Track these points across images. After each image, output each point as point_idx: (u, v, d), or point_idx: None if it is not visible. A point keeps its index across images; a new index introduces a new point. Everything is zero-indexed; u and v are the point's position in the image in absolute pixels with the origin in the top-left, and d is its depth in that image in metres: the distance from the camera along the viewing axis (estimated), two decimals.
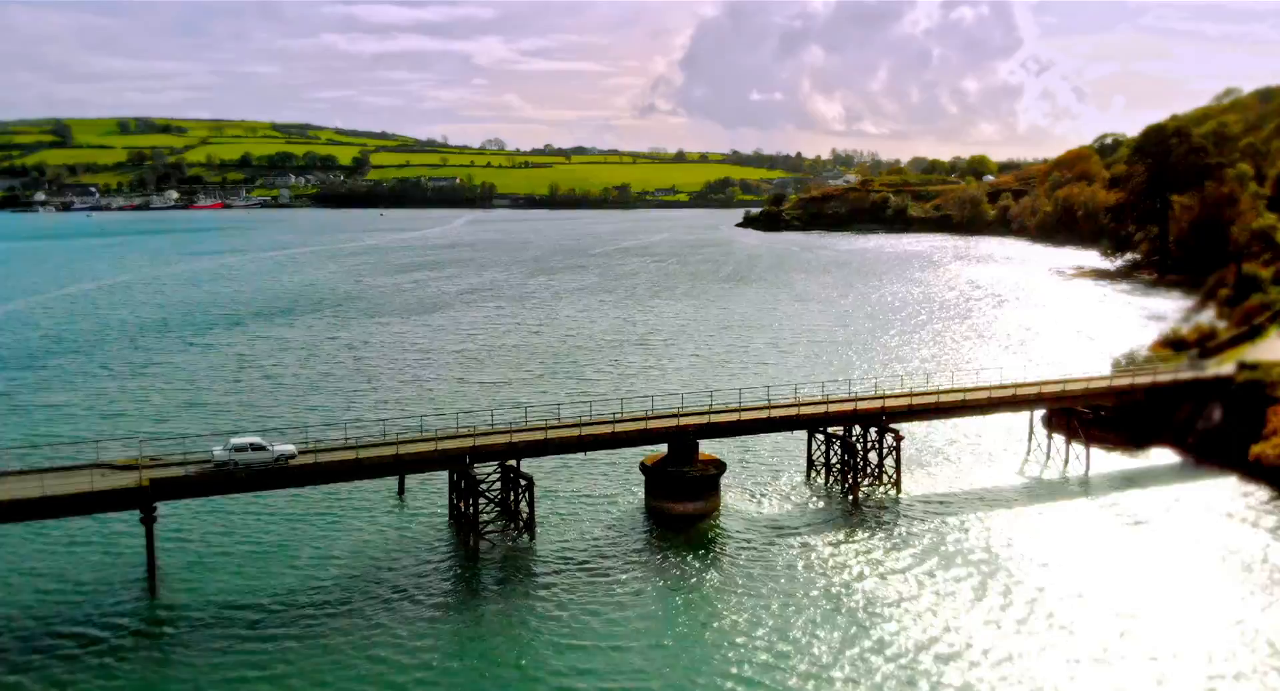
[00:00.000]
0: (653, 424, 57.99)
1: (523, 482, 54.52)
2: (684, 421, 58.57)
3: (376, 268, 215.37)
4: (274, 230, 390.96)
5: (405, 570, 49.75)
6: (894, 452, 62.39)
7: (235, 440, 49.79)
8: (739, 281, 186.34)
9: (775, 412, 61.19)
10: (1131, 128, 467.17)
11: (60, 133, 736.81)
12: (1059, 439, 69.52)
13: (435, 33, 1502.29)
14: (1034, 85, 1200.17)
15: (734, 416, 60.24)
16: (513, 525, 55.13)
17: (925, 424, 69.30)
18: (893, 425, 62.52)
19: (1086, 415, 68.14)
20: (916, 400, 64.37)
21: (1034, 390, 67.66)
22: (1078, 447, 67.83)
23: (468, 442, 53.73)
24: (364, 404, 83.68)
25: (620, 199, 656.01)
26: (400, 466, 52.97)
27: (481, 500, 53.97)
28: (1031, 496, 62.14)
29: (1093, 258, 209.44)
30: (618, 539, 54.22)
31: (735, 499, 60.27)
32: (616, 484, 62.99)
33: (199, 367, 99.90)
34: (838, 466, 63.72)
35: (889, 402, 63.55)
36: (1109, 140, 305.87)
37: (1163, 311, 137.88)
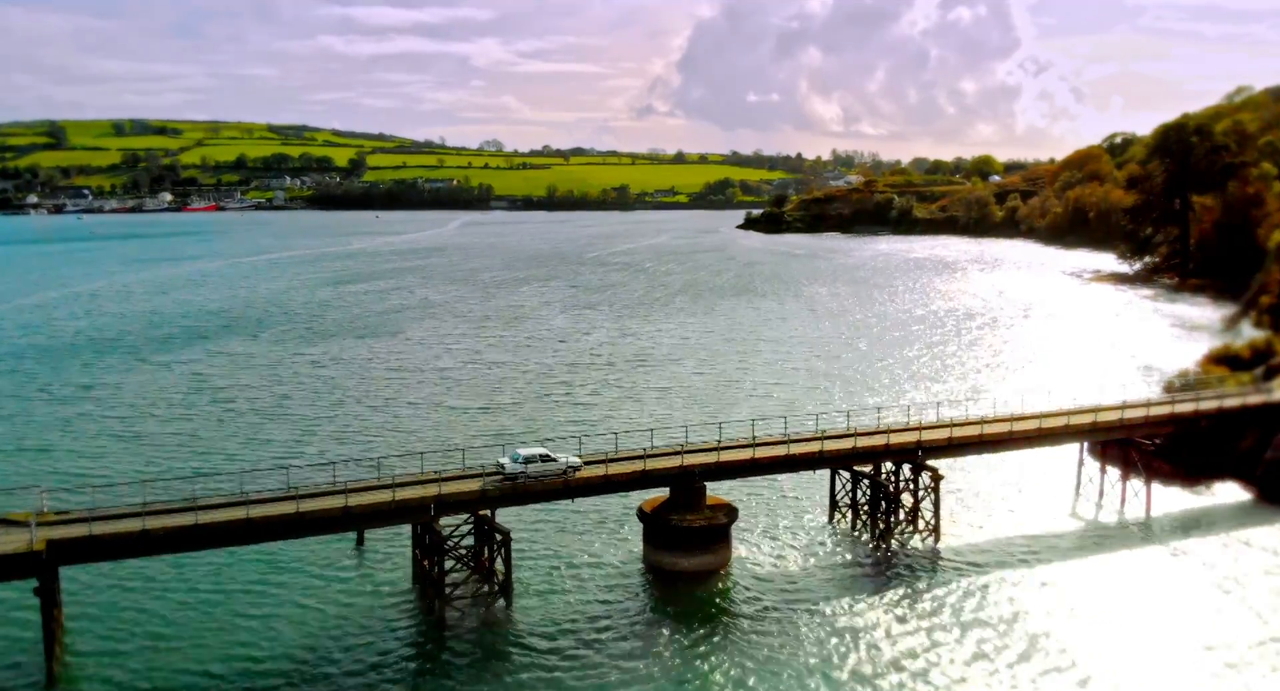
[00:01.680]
0: (652, 464, 49.28)
1: (498, 537, 45.98)
2: (688, 460, 49.93)
3: (359, 274, 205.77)
4: (261, 233, 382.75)
5: (356, 648, 41.35)
6: (931, 493, 53.80)
7: (524, 451, 47.29)
8: (744, 290, 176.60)
9: (795, 449, 52.32)
10: (1130, 128, 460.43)
11: (54, 135, 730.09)
12: (1113, 472, 61.02)
13: (432, 34, 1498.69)
14: (1032, 86, 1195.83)
15: (747, 453, 51.53)
16: (486, 588, 46.47)
17: (963, 459, 60.44)
18: (929, 461, 54.06)
19: (1147, 446, 59.77)
20: (957, 432, 55.63)
21: (1088, 418, 58.90)
22: (1134, 483, 59.46)
23: (432, 490, 45.07)
24: (320, 436, 73.61)
25: (619, 200, 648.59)
26: (350, 520, 44.43)
27: (448, 560, 45.51)
28: (1089, 543, 53.81)
29: (1108, 260, 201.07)
30: (610, 603, 45.83)
31: (748, 550, 51.79)
32: (609, 533, 54.33)
33: (148, 390, 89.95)
34: (866, 509, 55.27)
35: (925, 435, 54.62)
36: (1119, 140, 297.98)
37: (1194, 319, 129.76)
